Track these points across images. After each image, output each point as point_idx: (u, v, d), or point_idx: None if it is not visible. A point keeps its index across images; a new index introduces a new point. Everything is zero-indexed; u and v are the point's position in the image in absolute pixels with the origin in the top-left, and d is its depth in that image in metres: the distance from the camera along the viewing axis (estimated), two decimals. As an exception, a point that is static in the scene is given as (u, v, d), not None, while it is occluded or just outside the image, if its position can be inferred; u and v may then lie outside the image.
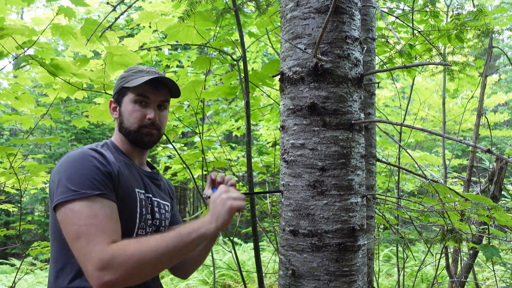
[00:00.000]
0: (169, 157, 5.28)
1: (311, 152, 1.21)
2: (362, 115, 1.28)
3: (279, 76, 1.32)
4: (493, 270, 2.99)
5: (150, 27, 3.22)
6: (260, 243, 8.14)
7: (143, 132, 1.35)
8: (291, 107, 1.26)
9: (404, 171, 4.96)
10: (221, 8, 2.44)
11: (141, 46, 3.46)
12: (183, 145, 5.61)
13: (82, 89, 2.61)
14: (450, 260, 3.36)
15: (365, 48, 2.05)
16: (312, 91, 1.22)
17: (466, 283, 4.08)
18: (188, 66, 5.08)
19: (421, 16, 3.17)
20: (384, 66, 3.03)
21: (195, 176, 3.69)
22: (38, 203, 11.49)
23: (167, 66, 5.68)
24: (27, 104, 3.11)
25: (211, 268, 6.12)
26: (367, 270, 1.73)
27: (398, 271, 3.53)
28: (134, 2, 2.45)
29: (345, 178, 1.21)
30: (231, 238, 2.69)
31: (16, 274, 3.51)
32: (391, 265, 6.69)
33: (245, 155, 2.16)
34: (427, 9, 2.82)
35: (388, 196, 2.43)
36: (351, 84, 1.24)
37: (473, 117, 6.17)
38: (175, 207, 1.56)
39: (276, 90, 4.38)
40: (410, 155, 1.76)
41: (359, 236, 1.23)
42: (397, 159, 3.49)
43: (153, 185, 1.43)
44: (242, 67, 2.14)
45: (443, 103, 4.61)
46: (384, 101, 8.44)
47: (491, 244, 2.01)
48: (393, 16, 2.47)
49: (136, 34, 3.45)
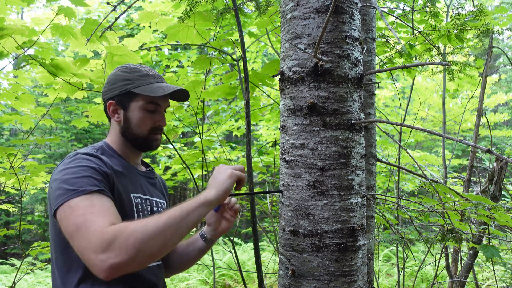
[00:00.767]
0: (169, 157, 5.28)
1: (311, 152, 1.21)
2: (362, 115, 1.28)
3: (279, 76, 1.32)
4: (493, 270, 2.99)
5: (150, 27, 3.23)
6: (260, 243, 8.14)
7: (152, 138, 1.35)
8: (291, 107, 1.26)
9: (404, 171, 4.96)
10: (221, 8, 2.44)
11: (141, 46, 3.46)
12: (183, 145, 5.61)
13: (82, 89, 2.61)
14: (450, 260, 3.37)
15: (365, 48, 2.05)
16: (312, 91, 1.22)
17: (466, 283, 4.07)
18: (188, 66, 5.08)
19: (421, 16, 3.17)
20: (384, 66, 3.03)
21: (195, 176, 3.69)
22: (38, 203, 11.49)
23: (167, 66, 5.68)
24: (27, 104, 3.11)
25: (211, 268, 6.12)
26: (367, 270, 1.73)
27: (398, 271, 3.53)
28: (134, 2, 2.45)
29: (345, 178, 1.21)
30: (231, 238, 2.69)
31: (16, 274, 3.51)
32: (391, 265, 6.70)
33: (245, 155, 2.16)
34: (427, 9, 2.82)
35: (388, 196, 2.43)
36: (351, 84, 1.24)
37: (473, 117, 6.17)
38: (168, 205, 1.56)
39: (276, 90, 4.38)
40: (410, 155, 1.76)
41: (359, 236, 1.23)
42: (397, 159, 3.49)
43: (149, 185, 1.42)
44: (242, 67, 2.14)
45: (443, 103, 4.61)
46: (384, 101, 8.44)
47: (491, 244, 2.01)
48: (393, 16, 2.47)
49: (136, 34, 3.45)
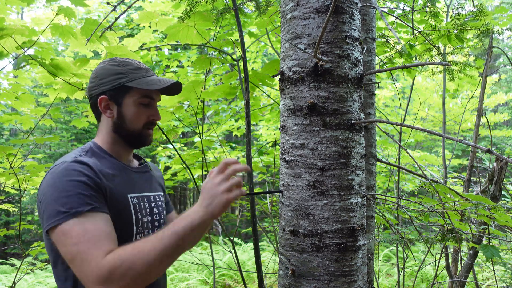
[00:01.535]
0: (169, 157, 5.28)
1: (311, 152, 1.21)
2: (362, 115, 1.28)
3: (279, 76, 1.32)
4: (493, 270, 2.99)
5: (150, 27, 3.23)
6: (260, 243, 8.14)
7: (146, 134, 1.32)
8: (291, 107, 1.26)
9: (404, 171, 4.96)
10: (221, 8, 2.44)
11: (141, 46, 3.46)
12: (183, 145, 5.61)
13: (82, 89, 2.61)
14: (450, 260, 3.37)
15: (365, 48, 2.05)
16: (312, 91, 1.22)
17: (466, 283, 4.07)
18: (188, 66, 5.08)
19: (421, 16, 3.17)
20: (384, 66, 3.03)
21: (195, 176, 3.69)
22: (38, 203, 11.48)
23: (167, 66, 5.68)
24: (27, 104, 3.11)
25: (211, 268, 6.12)
26: (367, 270, 1.73)
27: (398, 271, 3.53)
28: (134, 2, 2.45)
29: (345, 178, 1.21)
30: (231, 238, 2.69)
31: (16, 274, 3.51)
32: (391, 265, 6.69)
33: (245, 155, 2.16)
34: (427, 9, 2.82)
35: (388, 196, 2.43)
36: (351, 84, 1.24)
37: (473, 117, 6.17)
38: (166, 195, 1.53)
39: (276, 90, 4.38)
40: (410, 155, 1.76)
41: (359, 236, 1.23)
42: (397, 159, 3.49)
43: (144, 180, 1.39)
44: (242, 67, 2.14)
45: (443, 103, 4.61)
46: (384, 101, 8.44)
47: (491, 244, 2.01)
48: (393, 16, 2.47)
49: (136, 34, 3.46)
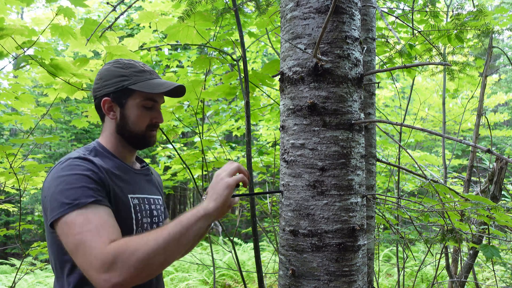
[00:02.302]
0: (169, 157, 5.28)
1: (311, 152, 1.21)
2: (362, 115, 1.28)
3: (279, 76, 1.32)
4: (493, 270, 2.99)
5: (150, 27, 3.23)
6: (260, 243, 8.14)
7: (149, 135, 1.33)
8: (291, 107, 1.26)
9: (404, 171, 4.96)
10: (221, 8, 2.44)
11: (141, 46, 3.46)
12: (183, 145, 5.61)
13: (82, 89, 2.61)
14: (450, 260, 3.36)
15: (365, 48, 2.05)
16: (312, 91, 1.22)
17: (466, 283, 4.07)
18: (188, 66, 5.08)
19: (421, 16, 3.17)
20: (384, 66, 3.03)
21: (195, 176, 3.69)
22: (38, 203, 11.49)
23: (167, 66, 5.68)
24: (27, 104, 3.11)
25: (211, 268, 6.12)
26: (367, 270, 1.73)
27: (398, 271, 3.53)
28: (134, 2, 2.45)
29: (345, 178, 1.21)
30: (231, 238, 2.69)
31: (16, 274, 3.51)
32: (391, 265, 6.69)
33: (245, 155, 2.16)
34: (427, 9, 2.82)
35: (388, 196, 2.42)
36: (351, 84, 1.24)
37: (473, 117, 6.17)
38: (163, 200, 1.54)
39: (276, 90, 4.38)
40: (410, 155, 1.76)
41: (359, 236, 1.23)
42: (397, 159, 3.49)
43: (146, 182, 1.40)
44: (242, 67, 2.14)
45: (443, 103, 4.61)
46: (384, 101, 8.44)
47: (491, 244, 2.01)
48: (393, 16, 2.47)
49: (136, 34, 3.45)
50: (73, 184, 1.10)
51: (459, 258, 3.25)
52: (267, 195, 3.67)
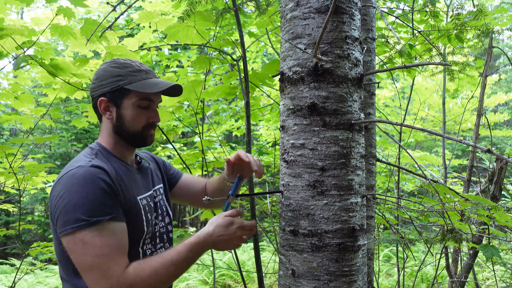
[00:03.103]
0: (169, 157, 5.28)
1: (311, 152, 1.21)
2: (362, 115, 1.28)
3: (279, 76, 1.32)
4: (493, 270, 2.99)
5: (150, 27, 3.22)
6: (260, 243, 8.13)
7: (146, 134, 1.33)
8: (291, 107, 1.25)
9: (404, 171, 4.96)
10: (221, 8, 2.44)
11: (141, 46, 3.46)
12: (183, 145, 5.61)
13: (82, 89, 2.61)
14: (450, 260, 3.36)
15: (365, 48, 2.05)
16: (312, 91, 1.22)
17: (466, 283, 4.07)
18: (188, 66, 5.08)
19: (421, 16, 3.17)
20: (384, 66, 3.03)
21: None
22: (38, 203, 11.49)
23: (167, 66, 5.67)
24: (27, 104, 3.11)
25: (211, 268, 6.12)
26: (367, 270, 1.73)
27: (398, 271, 3.53)
28: (134, 2, 2.45)
29: (345, 178, 1.21)
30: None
31: (16, 274, 3.51)
32: (391, 265, 6.69)
33: (245, 155, 2.15)
34: (427, 9, 2.82)
35: (388, 196, 2.42)
36: (351, 84, 1.24)
37: (473, 117, 6.17)
38: (168, 168, 1.58)
39: (276, 90, 4.38)
40: (410, 155, 1.76)
41: (359, 236, 1.23)
42: (397, 159, 3.49)
43: (146, 178, 1.40)
44: (242, 67, 2.14)
45: (443, 103, 4.60)
46: (384, 101, 8.44)
47: (491, 244, 2.01)
48: (393, 16, 2.47)
49: (136, 34, 3.45)
50: (90, 199, 1.11)
51: (459, 258, 3.24)
52: (267, 195, 3.67)
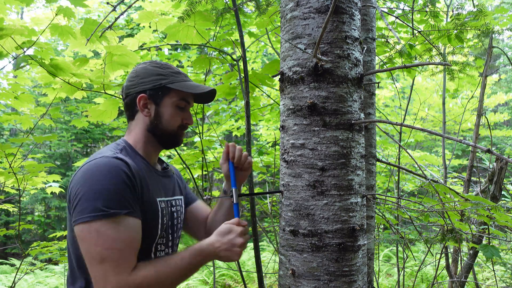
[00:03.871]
0: (169, 157, 5.28)
1: (311, 152, 1.21)
2: (362, 115, 1.28)
3: (279, 76, 1.32)
4: (493, 270, 2.99)
5: (150, 27, 3.22)
6: (260, 243, 8.13)
7: (179, 135, 1.36)
8: (291, 107, 1.25)
9: (404, 171, 4.96)
10: (221, 8, 2.44)
11: (141, 46, 3.46)
12: (183, 145, 5.61)
13: (82, 89, 2.61)
14: (450, 260, 3.36)
15: (365, 48, 2.05)
16: (312, 91, 1.22)
17: (466, 283, 4.07)
18: (188, 66, 5.08)
19: (421, 16, 3.17)
20: (384, 66, 3.03)
21: (195, 176, 3.69)
22: (38, 203, 11.48)
23: (167, 66, 5.66)
24: (27, 104, 3.11)
25: (211, 268, 6.12)
26: (367, 270, 1.73)
27: (398, 271, 3.53)
28: (134, 2, 2.45)
29: (345, 178, 1.21)
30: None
31: (16, 274, 3.51)
32: (391, 265, 6.69)
33: (245, 155, 2.15)
34: (427, 9, 2.82)
35: (388, 196, 2.42)
36: (351, 84, 1.24)
37: (473, 117, 6.17)
38: (187, 189, 1.58)
39: (276, 90, 4.38)
40: (410, 155, 1.76)
41: (359, 236, 1.23)
42: (397, 159, 3.49)
43: (168, 184, 1.42)
44: (242, 67, 2.14)
45: (443, 103, 4.60)
46: (384, 101, 8.44)
47: (491, 244, 2.01)
48: (393, 16, 2.47)
49: (136, 34, 3.45)
50: (110, 190, 1.11)
51: (459, 258, 3.24)
52: (267, 195, 3.67)
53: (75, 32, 2.42)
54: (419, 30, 2.70)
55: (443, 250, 2.96)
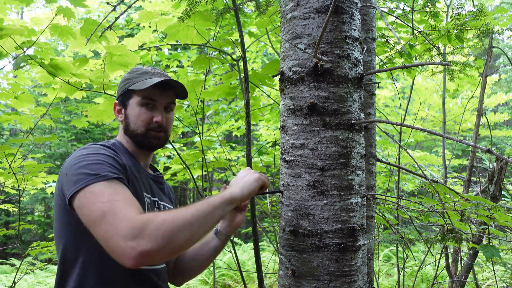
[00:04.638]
0: (169, 157, 5.28)
1: (311, 152, 1.21)
2: (362, 115, 1.28)
3: (279, 76, 1.31)
4: (493, 270, 2.99)
5: (150, 27, 3.22)
6: (260, 243, 8.13)
7: (151, 135, 1.34)
8: (291, 107, 1.25)
9: (404, 171, 4.96)
10: (221, 8, 2.43)
11: (141, 46, 3.45)
12: (183, 145, 5.61)
13: (82, 89, 2.61)
14: (450, 260, 3.36)
15: (365, 48, 2.05)
16: (312, 91, 1.22)
17: (466, 283, 4.07)
18: (188, 66, 5.07)
19: (421, 16, 3.17)
20: (384, 66, 3.03)
21: (195, 176, 3.69)
22: (38, 203, 11.49)
23: (167, 66, 5.67)
24: (27, 104, 3.11)
25: (211, 268, 6.12)
26: (367, 270, 1.73)
27: (398, 271, 3.53)
28: (134, 2, 2.45)
29: (345, 178, 1.21)
30: (231, 238, 2.69)
31: (16, 274, 3.51)
32: (391, 265, 6.69)
33: (245, 155, 2.16)
34: (427, 9, 2.81)
35: (388, 196, 2.42)
36: (351, 84, 1.24)
37: (473, 117, 6.16)
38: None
39: (276, 90, 4.38)
40: (410, 155, 1.76)
41: (359, 236, 1.23)
42: (397, 159, 3.49)
43: (158, 189, 1.43)
44: (242, 67, 2.14)
45: (443, 103, 4.60)
46: (384, 101, 8.44)
47: (491, 244, 2.01)
48: (393, 16, 2.47)
49: (136, 34, 3.45)
50: (99, 160, 1.13)
51: (459, 258, 3.24)
52: (267, 195, 3.67)
53: (75, 32, 2.42)
54: (419, 30, 2.70)
55: (443, 250, 2.96)
